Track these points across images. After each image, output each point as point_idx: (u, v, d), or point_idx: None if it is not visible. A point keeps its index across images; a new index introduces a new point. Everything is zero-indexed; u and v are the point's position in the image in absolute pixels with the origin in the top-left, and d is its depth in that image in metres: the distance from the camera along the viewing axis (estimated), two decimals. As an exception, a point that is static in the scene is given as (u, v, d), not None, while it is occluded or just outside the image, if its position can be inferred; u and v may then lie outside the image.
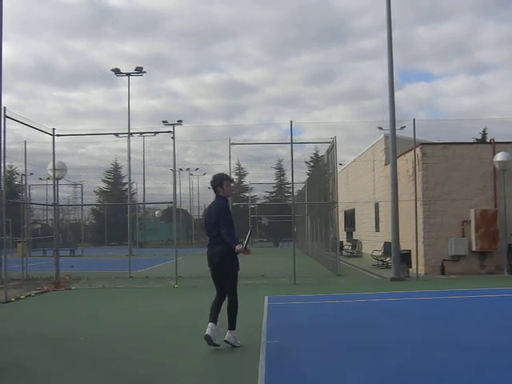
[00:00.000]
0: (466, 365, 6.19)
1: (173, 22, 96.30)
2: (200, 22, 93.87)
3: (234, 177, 58.53)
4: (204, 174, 49.72)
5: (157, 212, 62.70)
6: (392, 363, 6.27)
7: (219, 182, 7.26)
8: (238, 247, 6.89)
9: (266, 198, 61.24)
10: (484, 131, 52.22)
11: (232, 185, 7.57)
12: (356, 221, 29.15)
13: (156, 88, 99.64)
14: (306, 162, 54.30)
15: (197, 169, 48.63)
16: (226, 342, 6.92)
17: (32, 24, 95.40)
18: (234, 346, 6.93)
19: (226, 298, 7.07)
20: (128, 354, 6.98)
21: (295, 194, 31.36)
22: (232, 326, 6.99)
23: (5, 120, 12.92)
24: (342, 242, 26.80)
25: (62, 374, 6.17)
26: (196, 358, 6.65)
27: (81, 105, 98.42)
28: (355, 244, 28.23)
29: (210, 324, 6.89)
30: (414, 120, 16.85)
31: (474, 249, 17.25)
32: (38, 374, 6.14)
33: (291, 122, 17.73)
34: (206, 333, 6.80)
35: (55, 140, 17.09)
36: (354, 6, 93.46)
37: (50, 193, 26.33)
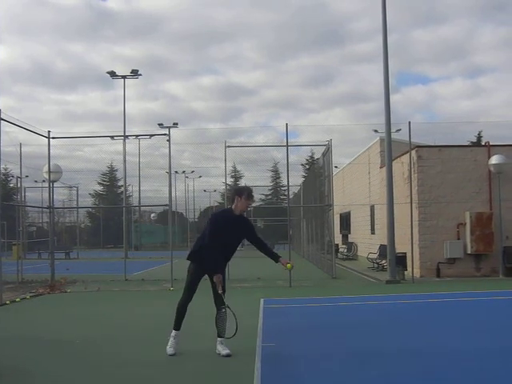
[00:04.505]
0: (464, 369, 6.19)
1: (171, 25, 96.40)
2: (198, 25, 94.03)
3: (230, 179, 58.55)
4: (200, 176, 49.74)
5: (152, 215, 62.65)
6: (389, 368, 6.27)
7: (239, 192, 6.89)
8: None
9: (261, 200, 61.21)
10: (479, 134, 52.31)
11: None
12: (351, 223, 29.17)
13: (153, 91, 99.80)
14: (302, 165, 54.43)
15: (192, 171, 48.61)
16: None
17: (30, 26, 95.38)
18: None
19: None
20: (125, 356, 6.97)
21: (291, 197, 31.37)
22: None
23: (0, 122, 12.89)
24: (337, 245, 26.83)
25: (59, 376, 6.15)
26: (193, 361, 6.64)
27: (78, 107, 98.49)
28: (351, 247, 28.24)
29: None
30: (409, 123, 16.89)
31: (469, 251, 17.28)
32: (34, 378, 6.12)
33: (287, 124, 17.82)
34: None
35: (51, 142, 17.09)
36: (351, 10, 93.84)
37: (46, 195, 26.21)
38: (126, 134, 25.80)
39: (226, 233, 6.69)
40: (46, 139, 17.00)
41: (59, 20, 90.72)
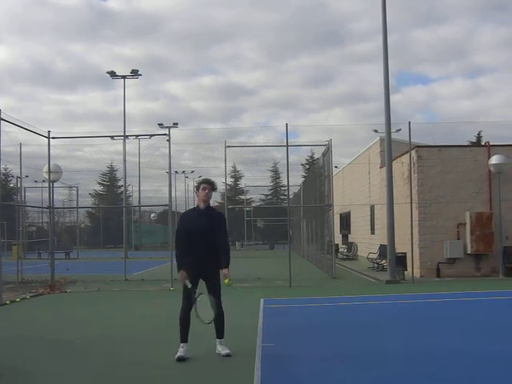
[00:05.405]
0: (464, 370, 6.19)
1: (171, 25, 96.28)
2: (199, 25, 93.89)
3: (230, 179, 58.56)
4: (200, 176, 49.54)
5: (152, 215, 62.63)
6: (389, 368, 6.27)
7: (196, 188, 7.12)
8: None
9: (261, 200, 61.20)
10: (479, 134, 52.28)
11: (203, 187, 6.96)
12: (351, 223, 29.18)
13: (154, 91, 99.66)
14: (302, 165, 54.40)
15: (192, 171, 48.59)
16: None
17: (30, 26, 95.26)
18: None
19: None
20: (126, 357, 6.98)
21: (291, 197, 31.38)
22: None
23: (0, 122, 12.90)
24: (337, 245, 26.84)
25: (59, 376, 6.15)
26: (193, 361, 6.63)
27: (78, 107, 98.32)
28: (351, 247, 28.24)
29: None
30: (409, 123, 16.90)
31: (469, 251, 17.28)
32: (34, 378, 6.12)
33: (286, 124, 17.80)
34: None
35: (51, 142, 17.10)
36: (351, 10, 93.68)
37: (46, 195, 26.24)
38: (126, 133, 25.80)
39: (190, 229, 6.79)
40: (46, 139, 17.00)
41: (59, 20, 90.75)
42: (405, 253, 17.13)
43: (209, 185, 6.97)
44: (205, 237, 6.72)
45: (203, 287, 6.79)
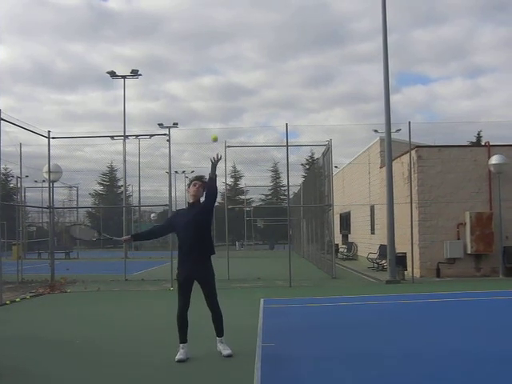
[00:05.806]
0: (464, 370, 6.19)
1: (171, 25, 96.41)
2: (198, 25, 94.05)
3: (230, 179, 58.58)
4: (199, 176, 49.62)
5: (152, 215, 62.47)
6: (389, 368, 6.27)
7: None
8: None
9: (261, 200, 61.18)
10: (479, 134, 52.26)
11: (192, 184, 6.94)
12: (351, 223, 29.17)
13: (154, 91, 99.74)
14: (302, 165, 54.37)
15: (192, 171, 48.52)
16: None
17: (30, 26, 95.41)
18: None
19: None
20: (125, 357, 6.97)
21: (291, 197, 31.37)
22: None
23: (0, 122, 12.90)
24: (337, 245, 26.82)
25: (59, 376, 6.14)
26: (193, 360, 6.63)
27: (78, 107, 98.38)
28: (351, 247, 28.23)
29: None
30: (409, 123, 16.89)
31: (469, 251, 17.28)
32: (34, 378, 6.12)
33: (286, 124, 17.79)
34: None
35: (51, 142, 17.09)
36: (352, 10, 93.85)
37: (46, 195, 26.25)
38: (126, 134, 25.81)
39: (178, 226, 6.83)
40: (46, 139, 16.99)
41: (59, 20, 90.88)
42: (405, 253, 17.13)
43: (199, 181, 6.96)
44: (193, 231, 6.65)
45: (201, 288, 6.79)
